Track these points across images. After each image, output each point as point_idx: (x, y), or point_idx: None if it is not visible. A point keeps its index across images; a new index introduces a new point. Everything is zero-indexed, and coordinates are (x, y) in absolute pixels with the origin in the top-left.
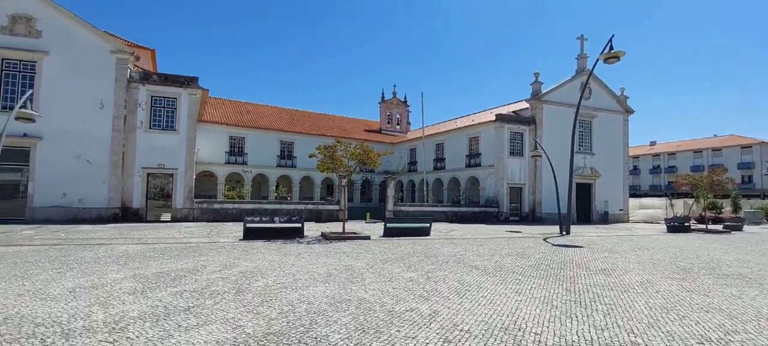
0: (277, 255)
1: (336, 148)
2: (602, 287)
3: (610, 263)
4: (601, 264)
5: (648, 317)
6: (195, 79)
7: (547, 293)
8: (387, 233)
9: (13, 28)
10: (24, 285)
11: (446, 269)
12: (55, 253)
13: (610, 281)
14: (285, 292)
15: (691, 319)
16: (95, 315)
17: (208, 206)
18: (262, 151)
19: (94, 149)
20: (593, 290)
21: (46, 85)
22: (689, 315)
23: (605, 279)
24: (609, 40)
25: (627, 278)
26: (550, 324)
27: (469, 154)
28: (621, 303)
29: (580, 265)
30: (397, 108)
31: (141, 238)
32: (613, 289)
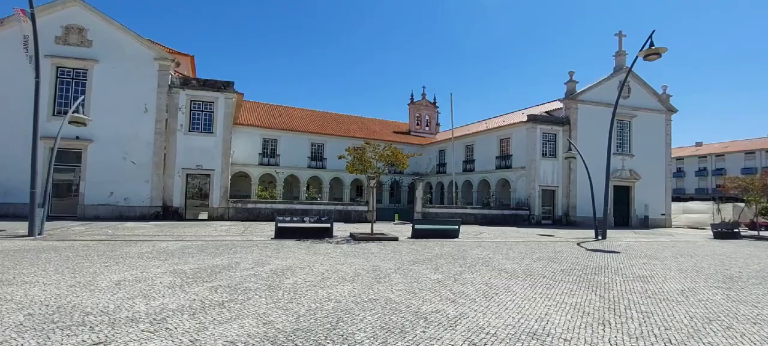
0: (307, 254)
1: (365, 149)
2: (639, 295)
3: (649, 269)
4: (639, 271)
5: (688, 327)
6: (231, 83)
7: (579, 299)
8: (415, 235)
9: (67, 38)
10: (75, 277)
11: (474, 271)
12: (103, 248)
13: (648, 288)
14: (313, 290)
15: (736, 330)
16: (138, 306)
17: (243, 205)
18: (293, 152)
19: (138, 151)
20: (629, 297)
21: (96, 91)
22: (734, 326)
23: (643, 286)
24: (649, 36)
25: (667, 285)
26: (581, 331)
27: (500, 156)
28: (659, 312)
29: (615, 271)
30: (427, 109)
31: (180, 235)
32: (651, 297)
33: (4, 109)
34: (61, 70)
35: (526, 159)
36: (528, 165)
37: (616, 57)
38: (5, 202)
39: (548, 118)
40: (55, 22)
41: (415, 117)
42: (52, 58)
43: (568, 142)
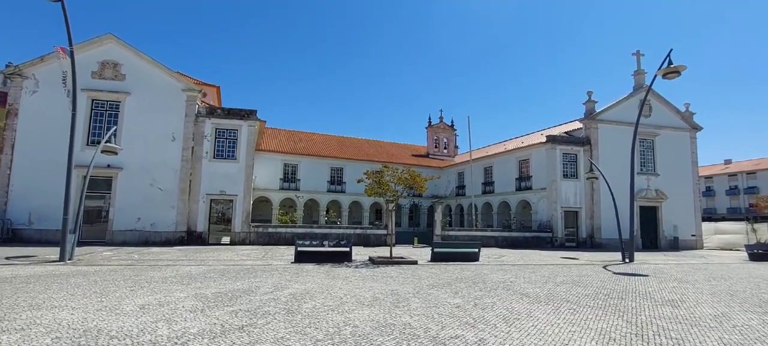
0: (326, 278)
1: (383, 173)
2: (669, 320)
3: (680, 293)
4: (669, 295)
5: None
6: (254, 111)
7: (605, 325)
8: (434, 258)
9: (102, 73)
10: (102, 301)
11: (495, 295)
12: (129, 272)
13: (678, 313)
14: (332, 314)
15: None
16: (160, 330)
17: (264, 229)
18: (313, 177)
19: (165, 178)
20: (658, 322)
21: (127, 122)
22: None
23: (673, 311)
24: (667, 54)
25: (699, 310)
26: None
27: (520, 177)
28: (690, 338)
29: (644, 295)
30: (444, 132)
31: (203, 260)
32: (682, 322)
33: (42, 140)
34: (95, 102)
35: (547, 180)
36: (549, 186)
37: (635, 76)
38: (38, 228)
39: (568, 138)
40: (92, 58)
41: (433, 140)
42: (88, 91)
43: (590, 162)
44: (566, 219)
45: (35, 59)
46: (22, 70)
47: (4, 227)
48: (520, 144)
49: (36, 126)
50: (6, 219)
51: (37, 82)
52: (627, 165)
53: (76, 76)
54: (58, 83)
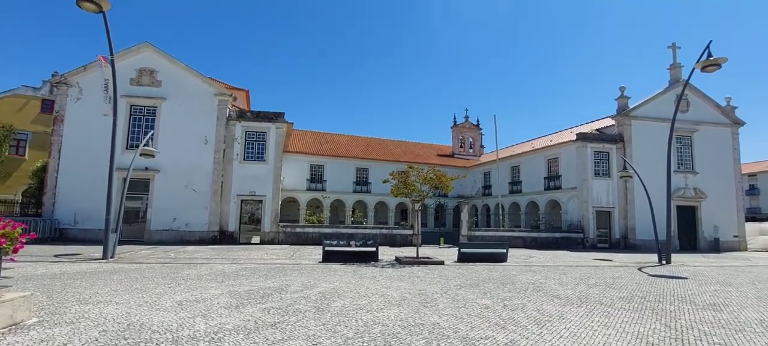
0: (354, 278)
1: (409, 173)
2: (711, 325)
3: (722, 297)
4: (710, 298)
5: None
6: (281, 114)
7: (642, 329)
8: (461, 259)
9: (139, 80)
10: (143, 297)
11: (524, 297)
12: (167, 270)
13: (721, 317)
14: (360, 313)
15: None
16: (198, 326)
17: (292, 229)
18: (339, 177)
19: (198, 180)
20: (699, 327)
21: (163, 126)
22: None
23: (715, 315)
24: (706, 46)
25: (743, 315)
26: None
27: (548, 177)
28: (735, 344)
29: (683, 298)
30: (470, 132)
31: (235, 258)
32: (725, 327)
33: (85, 144)
34: (134, 108)
35: (578, 179)
36: (579, 185)
37: (671, 70)
38: (83, 227)
39: (600, 136)
40: (131, 66)
41: (459, 139)
42: (126, 97)
43: (623, 160)
44: (598, 219)
45: (79, 68)
46: (67, 79)
47: (52, 227)
48: (549, 142)
49: (80, 131)
50: (54, 219)
51: (81, 90)
52: (663, 163)
53: (117, 84)
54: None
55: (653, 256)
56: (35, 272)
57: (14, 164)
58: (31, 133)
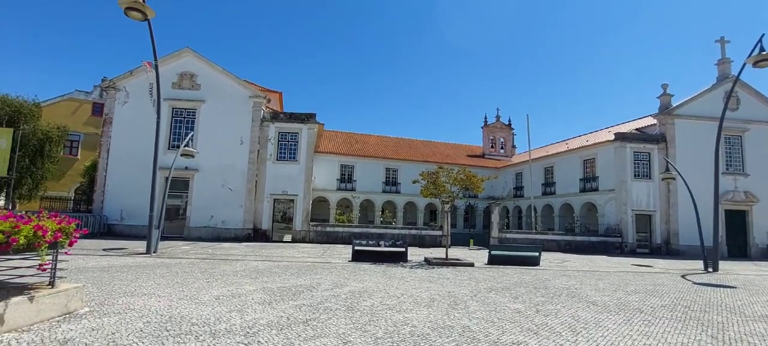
0: (383, 277)
1: (439, 173)
2: (762, 337)
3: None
4: (763, 309)
5: None
6: (313, 115)
7: (686, 340)
8: (492, 261)
9: (181, 83)
10: (183, 291)
11: (558, 302)
12: (204, 266)
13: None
14: (390, 313)
15: None
16: (234, 320)
17: (322, 228)
18: (369, 178)
19: (234, 179)
20: (750, 340)
21: (202, 127)
22: None
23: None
24: (759, 39)
25: None
26: None
27: (584, 178)
28: None
29: (731, 309)
30: (501, 132)
31: (268, 256)
32: None
33: (131, 145)
34: (175, 110)
35: (616, 181)
36: (618, 187)
37: (720, 66)
38: (128, 223)
39: (640, 135)
40: (173, 70)
41: (489, 140)
42: (168, 100)
43: (665, 161)
44: (637, 223)
45: (126, 73)
46: (116, 83)
47: (101, 222)
48: (585, 142)
49: (126, 133)
50: (102, 215)
51: (128, 94)
52: (709, 164)
53: (160, 87)
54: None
55: (698, 263)
56: (86, 265)
57: (68, 164)
58: (83, 134)
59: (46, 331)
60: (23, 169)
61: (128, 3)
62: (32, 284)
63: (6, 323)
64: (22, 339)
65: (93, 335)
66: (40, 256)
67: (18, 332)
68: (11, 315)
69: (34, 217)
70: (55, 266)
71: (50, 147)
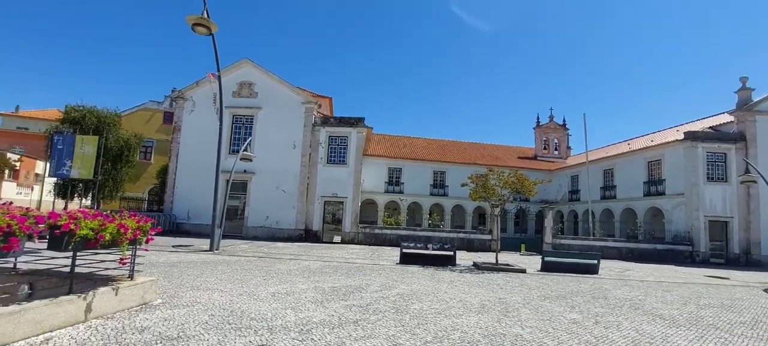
0: (431, 281)
1: (488, 176)
2: None
3: None
4: None
5: None
6: (362, 119)
7: None
8: (545, 268)
9: (240, 92)
10: (243, 287)
11: (619, 314)
12: (261, 264)
13: None
14: (439, 317)
15: None
16: (289, 316)
17: (370, 230)
18: (416, 180)
19: (287, 182)
20: None
21: (259, 133)
22: None
23: None
24: None
25: None
26: None
27: (649, 181)
28: None
29: None
30: (555, 132)
31: (319, 256)
32: None
33: (197, 150)
34: (235, 117)
35: (685, 184)
36: (688, 191)
37: None
38: (194, 222)
39: (713, 134)
40: (233, 80)
41: (542, 141)
42: (229, 108)
43: (745, 162)
44: (711, 230)
45: (192, 84)
46: (183, 94)
47: (171, 221)
48: (650, 143)
49: (193, 139)
50: (172, 215)
51: (194, 103)
52: None
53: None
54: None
55: None
56: (158, 260)
57: (143, 167)
58: (156, 140)
59: (127, 319)
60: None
61: (195, 20)
62: (115, 276)
63: (93, 310)
64: (108, 326)
65: (166, 325)
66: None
67: (103, 318)
68: (98, 304)
69: (116, 216)
70: (134, 261)
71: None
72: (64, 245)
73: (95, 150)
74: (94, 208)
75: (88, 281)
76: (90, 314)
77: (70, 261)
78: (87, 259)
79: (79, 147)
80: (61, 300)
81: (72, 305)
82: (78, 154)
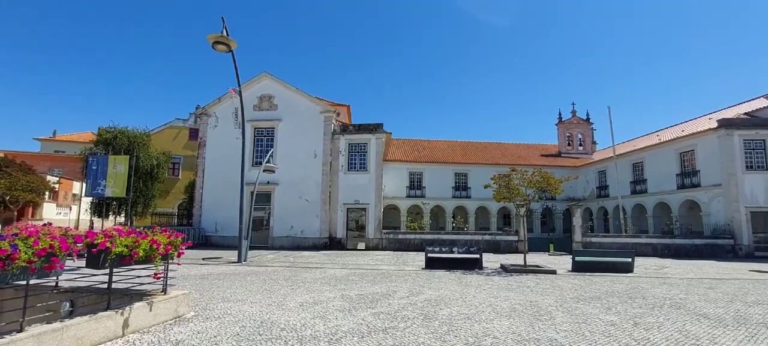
0: (458, 285)
1: (512, 176)
2: None
3: None
4: None
5: None
6: (380, 125)
7: None
8: (576, 268)
9: (260, 105)
10: (271, 297)
11: (660, 314)
12: (288, 273)
13: None
14: (469, 323)
15: None
16: (317, 326)
17: (394, 236)
18: (438, 183)
19: (309, 191)
20: None
21: (280, 144)
22: None
23: None
24: None
25: None
26: None
27: (682, 173)
28: None
29: None
30: (578, 127)
31: (344, 264)
32: None
33: (222, 164)
34: (256, 130)
35: (722, 175)
36: (725, 182)
37: None
38: (222, 234)
39: (750, 121)
40: (253, 94)
41: (566, 137)
42: (251, 121)
43: None
44: (754, 222)
45: (214, 100)
46: (207, 110)
47: (199, 234)
48: (681, 133)
49: (217, 153)
50: (201, 228)
51: (217, 119)
52: None
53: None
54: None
55: None
56: (189, 273)
57: (171, 183)
58: (183, 157)
59: (161, 332)
60: (137, 190)
61: (216, 38)
62: (149, 291)
63: (130, 325)
64: (144, 340)
65: (199, 338)
66: (155, 266)
67: (140, 332)
68: (134, 318)
69: (149, 232)
70: (167, 275)
71: (158, 170)
72: (101, 263)
73: (127, 169)
74: (128, 225)
75: (124, 296)
76: (127, 329)
77: (107, 277)
78: (122, 274)
79: (112, 167)
80: (99, 316)
81: (110, 321)
82: (111, 174)
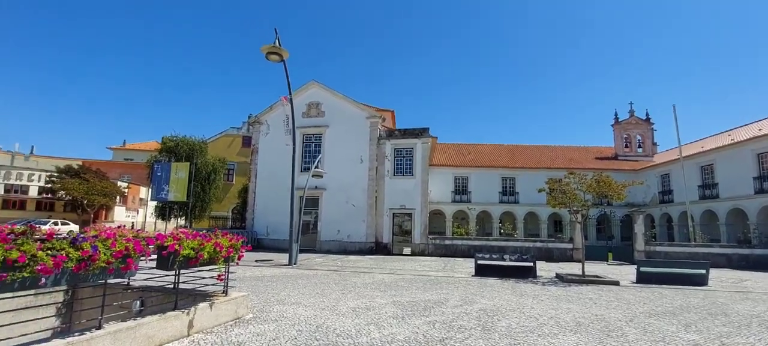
0: (513, 295)
1: (569, 181)
2: None
3: None
4: None
5: None
6: (426, 129)
7: None
8: (641, 279)
9: (309, 112)
10: (323, 301)
11: (749, 333)
12: (337, 277)
13: None
14: (532, 337)
15: None
16: (373, 333)
17: (440, 241)
18: (484, 188)
19: (356, 196)
20: None
21: (327, 150)
22: None
23: None
24: None
25: None
26: None
27: (761, 176)
28: None
29: None
30: (637, 128)
31: (391, 269)
32: None
33: (273, 170)
34: (305, 136)
35: None
36: None
37: None
38: (273, 238)
39: None
40: (302, 101)
41: (623, 138)
42: (300, 128)
43: None
44: None
45: (266, 109)
46: (259, 118)
47: (252, 237)
48: (757, 132)
49: (269, 159)
50: (253, 231)
51: (269, 126)
52: None
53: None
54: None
55: None
56: (245, 275)
57: (226, 188)
58: (237, 163)
59: (223, 333)
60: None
61: (269, 49)
62: (211, 292)
63: (194, 326)
64: (207, 341)
65: (259, 340)
66: (217, 268)
67: (203, 332)
68: (198, 319)
69: (211, 235)
70: (228, 277)
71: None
72: (170, 264)
73: (187, 175)
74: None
75: (189, 296)
76: (192, 329)
77: (174, 277)
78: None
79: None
80: (167, 316)
81: (177, 321)
82: (173, 180)
